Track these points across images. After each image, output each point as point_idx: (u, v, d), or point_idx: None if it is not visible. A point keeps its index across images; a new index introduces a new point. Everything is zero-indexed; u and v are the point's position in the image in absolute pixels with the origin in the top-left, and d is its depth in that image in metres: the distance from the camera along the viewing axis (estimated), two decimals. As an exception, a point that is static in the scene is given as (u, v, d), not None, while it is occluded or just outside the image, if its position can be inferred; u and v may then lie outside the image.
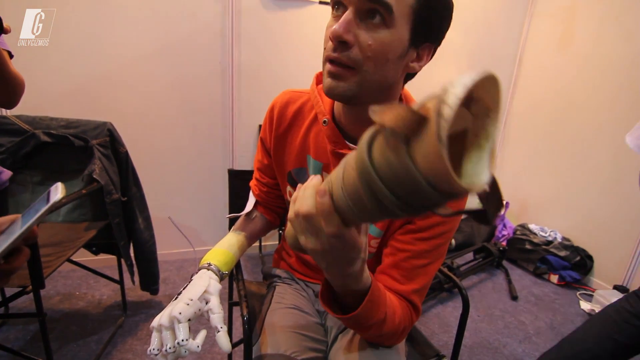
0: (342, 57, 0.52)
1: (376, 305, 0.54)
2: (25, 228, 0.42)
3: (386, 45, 0.51)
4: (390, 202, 0.30)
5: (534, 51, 2.54)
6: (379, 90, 0.57)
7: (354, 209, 0.35)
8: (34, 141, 1.28)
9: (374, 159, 0.30)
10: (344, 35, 0.50)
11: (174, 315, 0.55)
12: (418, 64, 0.58)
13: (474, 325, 1.72)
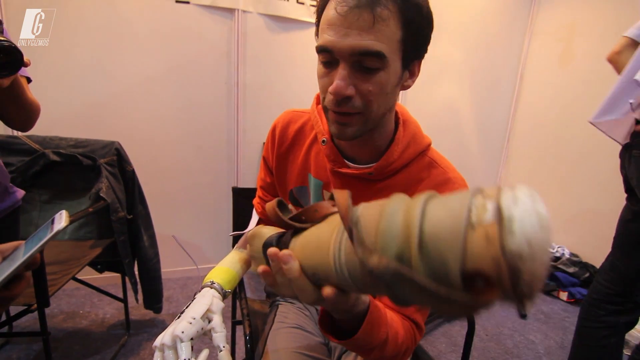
0: (349, 109, 0.54)
1: (376, 327, 0.53)
2: (28, 256, 0.43)
3: (384, 84, 0.53)
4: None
5: (535, 69, 2.57)
6: (382, 118, 0.59)
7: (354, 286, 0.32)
8: (44, 160, 1.31)
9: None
10: (346, 92, 0.52)
11: (176, 335, 0.55)
12: (411, 79, 0.60)
13: (482, 345, 1.68)
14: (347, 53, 0.51)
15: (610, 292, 1.19)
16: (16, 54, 0.70)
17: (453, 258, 0.22)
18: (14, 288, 0.43)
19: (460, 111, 2.56)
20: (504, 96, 2.68)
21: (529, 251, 0.20)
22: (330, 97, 0.55)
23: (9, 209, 0.90)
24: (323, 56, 0.55)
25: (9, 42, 0.69)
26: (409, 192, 0.64)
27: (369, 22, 0.49)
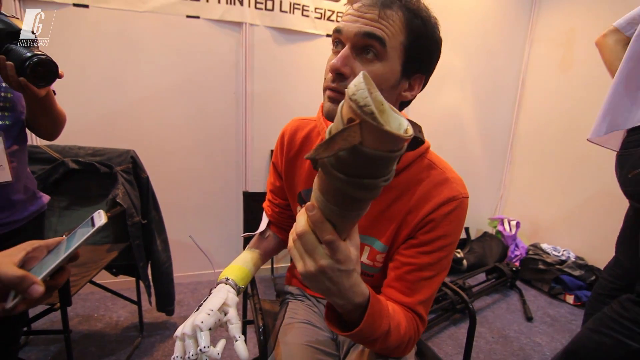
0: (340, 87, 0.59)
1: (378, 318, 0.57)
2: (72, 250, 0.48)
3: (379, 76, 0.58)
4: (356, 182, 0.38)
5: (536, 75, 2.61)
6: None
7: (335, 207, 0.42)
8: (63, 168, 1.38)
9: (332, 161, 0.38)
10: (341, 68, 0.58)
11: (196, 324, 0.59)
12: (410, 93, 0.64)
13: (488, 347, 1.70)
14: (353, 34, 0.57)
15: (615, 287, 1.20)
16: (53, 67, 0.77)
17: (337, 118, 0.37)
18: (58, 278, 0.48)
19: (464, 117, 2.61)
20: (506, 102, 2.72)
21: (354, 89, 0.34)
22: (329, 76, 0.61)
23: (37, 213, 0.96)
24: (334, 37, 0.61)
25: (46, 56, 0.76)
26: (410, 191, 0.68)
27: (377, 15, 0.57)
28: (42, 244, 0.49)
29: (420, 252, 0.68)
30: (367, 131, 0.34)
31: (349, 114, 0.35)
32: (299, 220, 0.46)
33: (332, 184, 0.40)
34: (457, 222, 0.68)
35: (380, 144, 0.35)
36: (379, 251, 0.73)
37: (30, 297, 0.44)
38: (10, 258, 0.45)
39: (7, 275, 0.43)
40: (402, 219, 0.69)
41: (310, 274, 0.46)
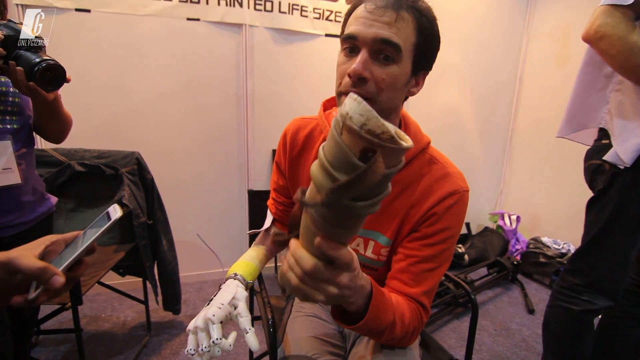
0: (362, 91, 0.60)
1: (382, 310, 0.58)
2: (89, 243, 0.50)
3: (396, 78, 0.61)
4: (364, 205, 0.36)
5: (534, 70, 2.63)
6: (388, 115, 0.66)
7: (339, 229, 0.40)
8: (70, 171, 1.40)
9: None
10: (363, 73, 0.59)
11: (208, 317, 0.61)
12: (416, 88, 0.67)
13: (490, 340, 1.72)
14: (370, 40, 0.58)
15: (635, 282, 1.23)
16: (61, 71, 0.79)
17: (346, 153, 0.33)
18: (76, 270, 0.50)
19: (462, 114, 2.63)
20: (505, 98, 2.74)
21: (363, 118, 0.32)
22: (347, 80, 0.61)
23: (46, 214, 0.98)
24: (347, 43, 0.62)
25: (54, 61, 0.78)
26: (412, 186, 0.71)
27: (392, 19, 0.58)
28: (60, 238, 0.51)
29: (423, 245, 0.70)
30: (386, 156, 0.33)
31: (361, 145, 0.32)
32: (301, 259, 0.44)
33: (338, 211, 0.37)
34: (459, 215, 0.70)
35: (393, 161, 0.35)
36: (384, 245, 0.74)
37: (52, 288, 0.46)
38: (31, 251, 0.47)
39: (29, 267, 0.44)
40: (406, 213, 0.71)
41: (334, 296, 0.47)
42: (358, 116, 0.32)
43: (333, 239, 0.42)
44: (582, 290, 1.13)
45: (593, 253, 1.13)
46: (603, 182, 1.09)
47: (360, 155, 0.33)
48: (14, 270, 0.45)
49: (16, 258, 0.45)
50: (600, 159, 1.10)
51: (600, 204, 1.12)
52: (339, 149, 0.34)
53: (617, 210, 1.06)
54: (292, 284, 0.47)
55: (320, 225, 0.41)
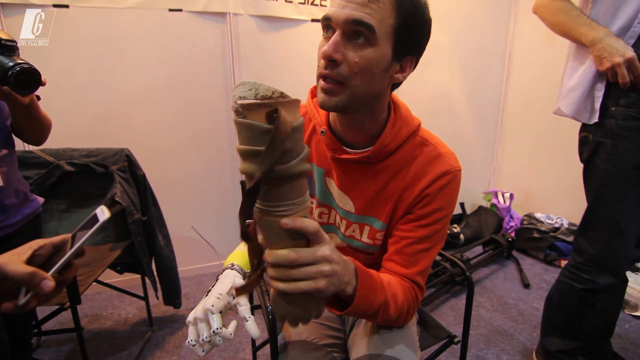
0: (333, 73, 0.59)
1: (371, 292, 0.59)
2: (78, 245, 0.50)
3: (371, 61, 0.58)
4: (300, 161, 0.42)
5: (523, 47, 2.62)
6: (368, 100, 0.64)
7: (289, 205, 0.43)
8: (59, 171, 1.38)
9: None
10: (333, 55, 0.57)
11: (207, 308, 0.62)
12: (402, 74, 0.65)
13: (488, 315, 1.76)
14: (342, 21, 0.56)
15: None
16: (35, 75, 0.78)
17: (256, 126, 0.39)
18: (66, 274, 0.50)
19: (453, 95, 2.62)
20: (494, 76, 2.74)
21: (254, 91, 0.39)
22: (321, 63, 0.60)
23: (32, 215, 0.97)
24: (324, 24, 0.61)
25: (28, 65, 0.77)
26: (404, 169, 0.71)
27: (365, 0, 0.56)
28: (48, 242, 0.50)
29: (417, 226, 0.70)
30: (287, 111, 0.39)
31: (263, 111, 0.38)
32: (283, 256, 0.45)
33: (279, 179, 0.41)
34: (452, 195, 0.70)
35: (294, 115, 0.40)
36: (379, 230, 0.74)
37: (42, 293, 0.45)
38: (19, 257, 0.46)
39: (17, 272, 0.44)
40: (399, 196, 0.71)
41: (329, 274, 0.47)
42: (248, 92, 0.39)
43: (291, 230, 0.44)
44: (584, 268, 1.15)
45: (590, 227, 1.14)
46: (587, 152, 1.11)
47: (268, 122, 0.39)
48: (2, 277, 0.44)
49: (3, 265, 0.44)
50: (585, 130, 1.14)
51: (588, 175, 1.14)
52: (250, 127, 0.39)
53: (603, 178, 1.08)
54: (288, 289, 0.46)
55: (272, 214, 0.43)
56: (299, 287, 0.46)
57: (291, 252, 0.45)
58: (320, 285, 0.46)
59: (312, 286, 0.46)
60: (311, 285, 0.46)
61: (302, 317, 0.51)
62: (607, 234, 1.10)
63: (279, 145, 0.39)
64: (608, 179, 1.07)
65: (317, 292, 0.47)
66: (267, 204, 0.43)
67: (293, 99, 0.41)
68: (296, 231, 0.44)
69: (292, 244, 0.45)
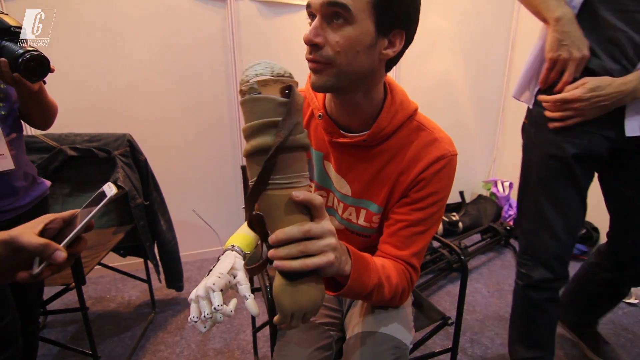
0: (317, 56, 0.60)
1: (365, 274, 0.61)
2: (87, 220, 0.51)
3: (352, 40, 0.58)
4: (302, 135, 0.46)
5: (526, 35, 2.59)
6: (359, 79, 0.63)
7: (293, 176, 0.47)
8: (62, 156, 1.40)
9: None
10: (313, 39, 0.58)
11: (208, 286, 0.64)
12: (392, 50, 0.63)
13: (484, 301, 1.80)
14: (319, 5, 0.57)
15: None
16: (45, 62, 0.80)
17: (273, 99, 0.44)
18: (76, 246, 0.52)
19: (455, 81, 2.61)
20: (497, 64, 2.72)
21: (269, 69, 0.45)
22: (307, 49, 0.62)
23: (40, 198, 0.99)
24: (308, 12, 0.62)
25: (38, 52, 0.78)
26: (401, 153, 0.72)
27: None
28: (58, 217, 0.52)
29: (413, 209, 0.72)
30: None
31: (277, 87, 0.43)
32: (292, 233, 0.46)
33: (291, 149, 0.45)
34: (447, 179, 0.71)
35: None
36: (375, 213, 0.76)
37: (55, 262, 0.48)
38: (31, 229, 0.48)
39: (31, 243, 0.46)
40: (395, 180, 0.72)
41: (335, 247, 0.49)
42: (264, 69, 0.43)
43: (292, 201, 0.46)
44: (521, 261, 1.11)
45: (521, 217, 1.11)
46: (522, 139, 1.09)
47: (282, 95, 0.43)
48: (16, 248, 0.46)
49: (18, 236, 0.46)
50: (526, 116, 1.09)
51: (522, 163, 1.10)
52: (267, 101, 0.43)
53: (526, 167, 1.05)
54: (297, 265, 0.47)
55: (282, 187, 0.46)
56: (314, 262, 0.47)
57: (300, 228, 0.46)
58: (331, 259, 0.48)
59: (325, 260, 0.48)
60: (323, 259, 0.48)
61: (309, 309, 0.51)
62: (534, 225, 1.06)
63: (295, 114, 0.43)
64: (531, 167, 1.04)
65: (328, 266, 0.48)
66: (276, 177, 0.45)
67: (295, 80, 0.45)
68: (304, 205, 0.47)
69: (298, 219, 0.47)
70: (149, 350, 1.46)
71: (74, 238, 0.51)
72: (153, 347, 1.48)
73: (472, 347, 1.47)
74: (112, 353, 1.44)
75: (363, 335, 0.73)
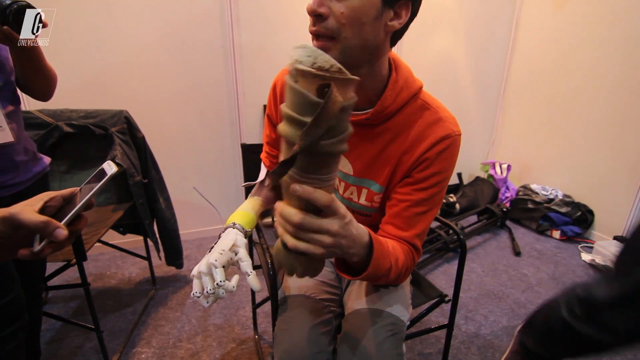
0: (321, 28, 0.57)
1: (382, 261, 0.61)
2: (87, 198, 0.51)
3: (357, 10, 0.56)
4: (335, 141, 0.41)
5: (530, 14, 2.54)
6: (365, 53, 0.61)
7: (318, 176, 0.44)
8: (58, 132, 1.38)
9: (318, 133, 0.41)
10: (317, 9, 0.56)
11: (210, 262, 0.64)
12: (398, 21, 0.60)
13: (479, 280, 1.83)
14: None
15: None
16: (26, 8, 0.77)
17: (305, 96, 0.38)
18: (77, 224, 0.52)
19: (457, 61, 2.57)
20: (500, 44, 2.67)
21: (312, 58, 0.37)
22: (310, 21, 0.59)
23: (41, 174, 0.98)
24: None
25: (26, 2, 0.77)
26: (404, 133, 0.71)
27: None
28: (58, 194, 0.52)
29: (416, 190, 0.71)
30: (339, 87, 0.37)
31: (316, 83, 0.37)
32: (289, 215, 0.47)
33: (314, 154, 0.41)
34: (451, 159, 0.71)
35: (346, 94, 0.38)
36: (376, 192, 0.76)
37: (56, 240, 0.48)
38: (31, 207, 0.48)
39: (32, 221, 0.46)
40: (398, 160, 0.71)
41: (330, 245, 0.48)
42: (306, 57, 0.37)
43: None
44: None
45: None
46: None
47: (318, 94, 0.37)
48: (17, 225, 0.46)
49: (18, 213, 0.46)
50: None
51: None
52: (298, 94, 0.38)
53: None
54: (288, 243, 0.48)
55: (297, 179, 0.44)
56: (296, 245, 0.48)
57: (297, 215, 0.46)
58: (317, 252, 0.48)
59: (310, 250, 0.48)
60: (309, 248, 0.48)
61: (298, 272, 0.54)
62: None
63: (324, 122, 0.38)
64: None
65: (314, 255, 0.49)
66: (293, 171, 0.44)
67: (350, 78, 0.38)
68: (308, 200, 0.45)
69: (306, 208, 0.47)
70: (150, 325, 1.49)
71: (75, 216, 0.51)
72: (154, 322, 1.50)
73: (466, 324, 1.51)
74: (114, 328, 1.46)
75: (361, 312, 0.75)
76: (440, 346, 1.37)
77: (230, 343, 1.39)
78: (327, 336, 0.75)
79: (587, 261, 2.01)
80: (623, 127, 2.05)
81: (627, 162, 2.05)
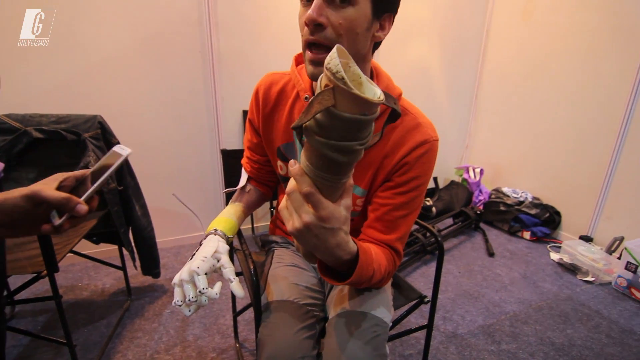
0: (320, 38, 0.60)
1: (366, 268, 0.63)
2: (105, 176, 0.55)
3: (354, 21, 0.59)
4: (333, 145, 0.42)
5: (500, 23, 2.66)
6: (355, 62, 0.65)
7: (319, 171, 0.45)
8: (27, 138, 1.32)
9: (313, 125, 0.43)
10: (318, 19, 0.58)
11: (193, 270, 0.64)
12: (382, 32, 0.65)
13: (455, 280, 1.88)
14: None
15: None
16: None
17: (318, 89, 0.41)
18: (91, 203, 0.55)
19: (431, 69, 2.65)
20: (472, 52, 2.78)
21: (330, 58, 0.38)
22: (305, 30, 0.61)
23: None
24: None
25: None
26: (385, 137, 0.73)
27: None
28: (71, 175, 0.56)
29: (396, 193, 0.74)
30: (340, 96, 0.38)
31: (325, 81, 0.40)
32: (289, 182, 0.48)
33: (314, 147, 0.43)
34: (429, 164, 0.74)
35: (352, 108, 0.39)
36: (359, 196, 0.78)
37: (78, 215, 0.52)
38: (49, 185, 0.51)
39: (54, 197, 0.49)
40: (379, 163, 0.74)
41: (296, 230, 0.48)
42: (327, 57, 0.38)
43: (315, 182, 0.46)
44: None
45: None
46: None
47: (323, 89, 0.40)
48: (39, 201, 0.49)
49: (40, 191, 0.49)
50: None
51: None
52: (317, 86, 0.41)
53: None
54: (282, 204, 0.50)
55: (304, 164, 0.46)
56: (281, 209, 0.51)
57: (290, 187, 0.48)
58: (287, 226, 0.50)
59: (284, 219, 0.50)
60: (285, 218, 0.50)
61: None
62: None
63: (310, 114, 0.40)
64: None
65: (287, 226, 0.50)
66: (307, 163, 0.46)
67: (350, 91, 0.37)
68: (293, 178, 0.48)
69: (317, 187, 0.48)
70: (125, 337, 1.44)
71: (92, 195, 0.55)
72: (130, 334, 1.45)
73: (444, 324, 1.55)
74: (87, 341, 1.40)
75: (345, 315, 0.76)
76: (420, 347, 1.40)
77: (211, 353, 1.36)
78: (311, 340, 0.75)
79: (555, 260, 2.11)
80: (586, 133, 2.18)
81: (590, 166, 2.17)
